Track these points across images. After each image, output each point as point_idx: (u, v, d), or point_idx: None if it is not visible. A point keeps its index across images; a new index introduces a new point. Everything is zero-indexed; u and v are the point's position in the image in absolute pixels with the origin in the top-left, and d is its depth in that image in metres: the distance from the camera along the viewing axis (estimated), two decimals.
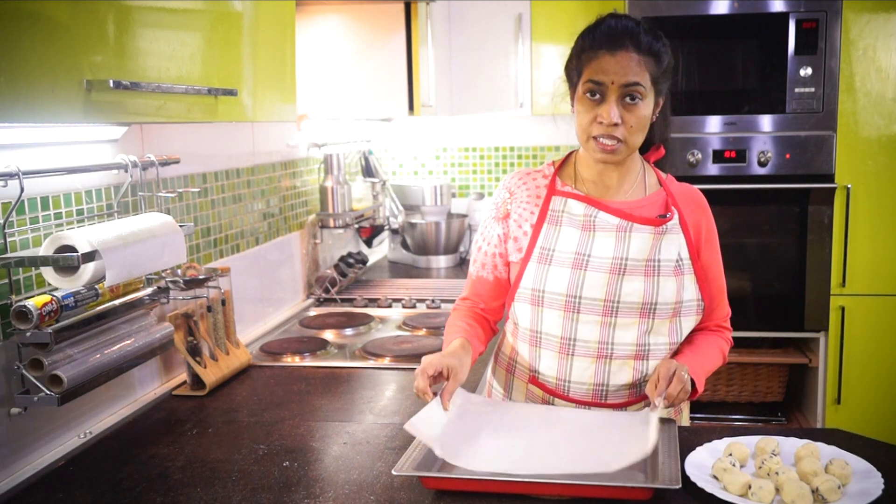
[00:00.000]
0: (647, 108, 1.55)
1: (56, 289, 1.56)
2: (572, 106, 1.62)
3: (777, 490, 1.33)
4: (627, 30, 1.54)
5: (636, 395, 1.63)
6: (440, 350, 2.26)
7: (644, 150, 1.69)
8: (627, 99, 1.52)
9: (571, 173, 1.69)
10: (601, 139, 1.54)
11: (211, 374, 1.99)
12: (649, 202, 1.64)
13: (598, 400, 1.62)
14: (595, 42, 1.55)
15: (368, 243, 3.58)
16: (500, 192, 1.72)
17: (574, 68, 1.59)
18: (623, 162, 1.61)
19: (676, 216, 1.63)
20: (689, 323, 1.63)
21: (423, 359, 1.55)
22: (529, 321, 1.64)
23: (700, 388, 1.57)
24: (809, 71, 3.15)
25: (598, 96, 1.53)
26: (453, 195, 4.04)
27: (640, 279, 1.58)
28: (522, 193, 1.68)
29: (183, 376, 2.05)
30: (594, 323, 1.59)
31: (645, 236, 1.59)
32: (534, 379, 1.67)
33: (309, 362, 2.24)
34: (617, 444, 1.43)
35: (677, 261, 1.61)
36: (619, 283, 1.58)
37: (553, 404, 1.65)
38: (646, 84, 1.53)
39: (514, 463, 1.38)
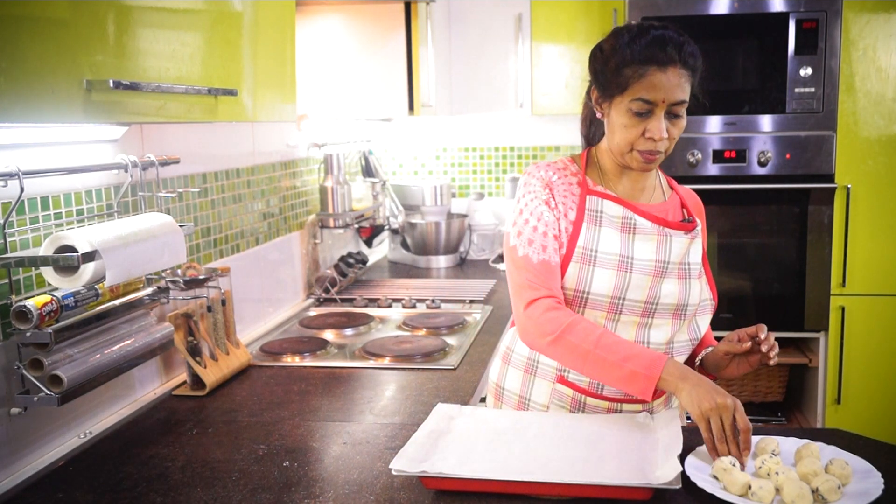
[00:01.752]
0: (685, 118, 1.58)
1: (56, 289, 1.56)
2: (600, 111, 1.62)
3: (777, 490, 1.33)
4: (674, 42, 1.52)
5: (661, 390, 1.64)
6: (442, 349, 2.27)
7: None
8: (673, 114, 1.55)
9: (597, 172, 1.68)
10: (646, 153, 1.56)
11: (211, 374, 1.99)
12: (671, 206, 1.69)
13: (630, 397, 1.63)
14: (642, 56, 1.52)
15: (368, 243, 3.58)
16: (541, 176, 1.64)
17: (613, 79, 1.55)
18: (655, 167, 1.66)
19: (699, 223, 1.69)
20: (704, 321, 1.68)
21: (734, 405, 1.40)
22: None
23: None
24: (809, 71, 3.15)
25: (646, 112, 1.53)
26: (453, 195, 4.04)
27: (675, 281, 1.62)
28: (560, 186, 1.64)
29: (183, 376, 2.05)
30: (632, 323, 1.60)
31: (682, 241, 1.63)
32: (563, 379, 1.65)
33: (309, 362, 2.24)
34: (616, 457, 1.42)
35: (700, 264, 1.66)
36: (660, 286, 1.60)
37: (584, 403, 1.65)
38: (687, 98, 1.56)
39: (510, 474, 1.37)
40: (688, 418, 1.47)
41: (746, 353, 1.59)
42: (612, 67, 1.55)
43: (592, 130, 1.71)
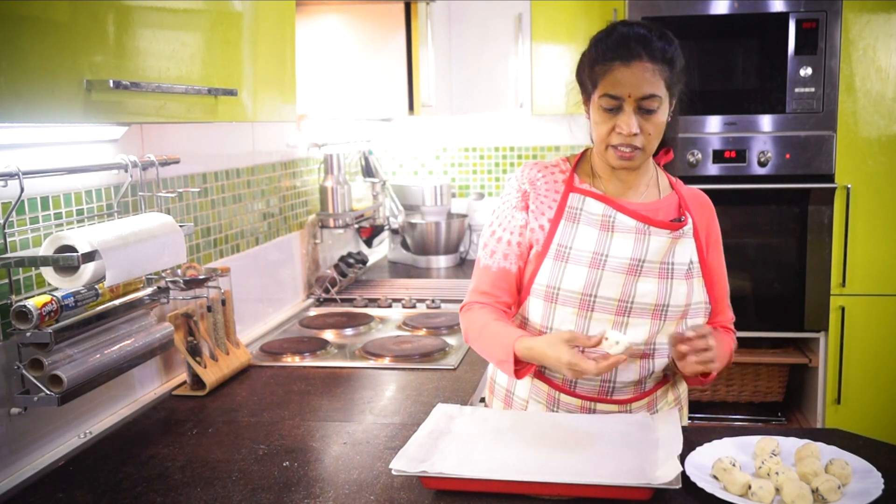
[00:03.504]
0: (663, 114, 1.56)
1: (56, 289, 1.56)
2: (587, 112, 1.64)
3: (777, 490, 1.33)
4: (640, 38, 1.54)
5: (640, 392, 1.65)
6: (442, 349, 2.27)
7: (653, 152, 1.70)
8: (644, 109, 1.54)
9: (588, 171, 1.69)
10: (620, 148, 1.56)
11: (211, 374, 1.99)
12: (664, 205, 1.66)
13: (604, 396, 1.63)
14: (608, 53, 1.55)
15: (368, 243, 3.58)
16: (520, 180, 1.69)
17: (588, 78, 1.59)
18: (639, 165, 1.63)
19: (691, 222, 1.65)
20: (695, 324, 1.65)
21: (567, 351, 1.47)
22: (541, 317, 1.63)
23: (723, 369, 1.60)
24: (809, 71, 3.15)
25: (614, 108, 1.54)
26: (453, 195, 4.04)
27: (655, 281, 1.60)
28: (541, 186, 1.67)
29: (183, 376, 2.05)
30: (606, 322, 1.59)
31: (663, 240, 1.61)
32: (539, 374, 1.67)
33: (309, 362, 2.24)
34: (616, 457, 1.42)
35: (689, 264, 1.63)
36: (635, 284, 1.59)
37: (558, 400, 1.65)
38: (661, 92, 1.54)
39: (510, 474, 1.37)
40: (690, 419, 1.46)
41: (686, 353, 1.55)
42: (586, 68, 1.60)
43: None
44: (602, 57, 1.55)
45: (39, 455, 1.60)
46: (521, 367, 1.57)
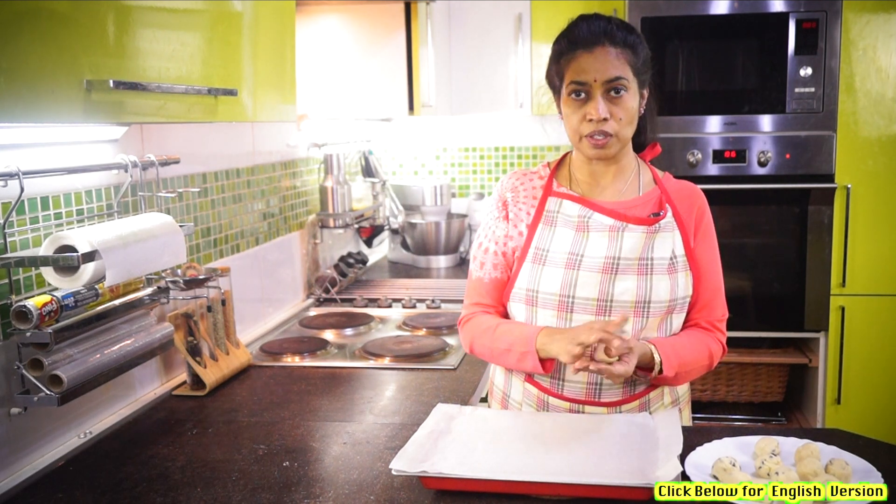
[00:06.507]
0: (632, 99, 1.57)
1: (56, 289, 1.56)
2: (559, 111, 1.65)
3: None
4: (600, 28, 1.58)
5: (630, 394, 1.63)
6: (442, 349, 2.27)
7: (640, 149, 1.71)
8: (612, 93, 1.55)
9: (567, 174, 1.70)
10: (593, 136, 1.57)
11: (211, 374, 1.99)
12: (643, 201, 1.65)
13: (592, 398, 1.63)
14: (571, 44, 1.58)
15: (368, 243, 3.58)
16: (499, 192, 1.73)
17: (555, 73, 1.62)
18: (616, 158, 1.63)
19: (670, 213, 1.63)
20: (680, 320, 1.64)
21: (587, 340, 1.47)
22: (524, 321, 1.64)
23: (668, 371, 1.55)
24: (809, 71, 3.15)
25: (583, 95, 1.56)
26: (453, 195, 4.04)
27: (633, 278, 1.58)
28: (520, 194, 1.69)
29: (183, 376, 2.05)
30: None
31: (637, 235, 1.60)
32: (529, 378, 1.67)
33: (309, 362, 2.24)
34: (616, 457, 1.42)
35: (671, 258, 1.61)
36: (612, 283, 1.58)
37: (547, 402, 1.65)
38: (627, 76, 1.56)
39: (510, 474, 1.37)
40: (695, 419, 1.46)
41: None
42: (553, 64, 1.62)
43: None
44: (566, 49, 1.58)
45: (39, 455, 1.61)
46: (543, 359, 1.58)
